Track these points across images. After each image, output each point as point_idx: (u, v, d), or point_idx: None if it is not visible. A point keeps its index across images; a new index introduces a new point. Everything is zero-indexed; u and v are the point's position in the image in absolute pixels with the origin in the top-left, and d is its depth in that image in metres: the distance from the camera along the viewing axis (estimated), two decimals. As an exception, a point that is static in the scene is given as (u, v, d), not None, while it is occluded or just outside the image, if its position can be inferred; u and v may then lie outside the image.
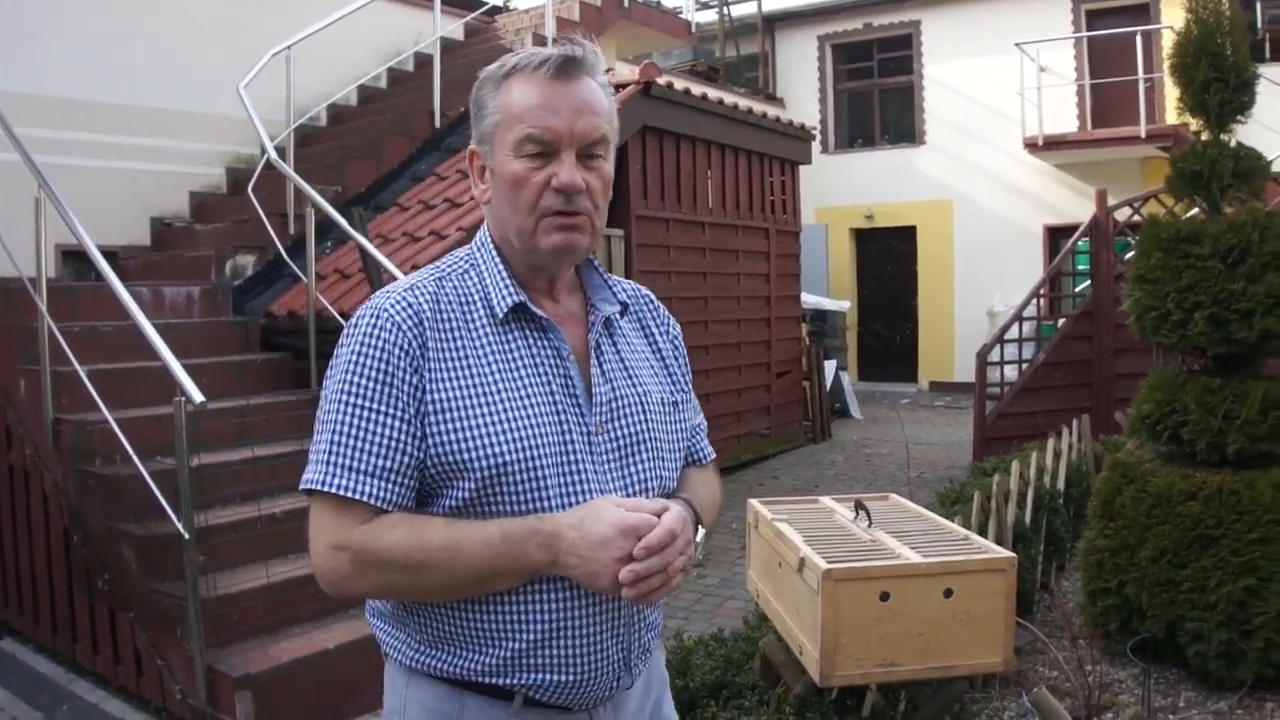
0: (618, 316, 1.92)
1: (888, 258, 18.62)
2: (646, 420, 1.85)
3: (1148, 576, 4.58)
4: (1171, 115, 13.15)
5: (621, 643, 1.80)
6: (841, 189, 18.14)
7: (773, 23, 19.37)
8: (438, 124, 9.59)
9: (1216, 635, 4.34)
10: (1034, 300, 10.75)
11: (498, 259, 1.81)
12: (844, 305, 16.69)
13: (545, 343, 1.78)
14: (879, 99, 19.03)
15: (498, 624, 1.72)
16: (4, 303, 6.02)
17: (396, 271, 6.05)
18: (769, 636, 3.94)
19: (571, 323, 1.85)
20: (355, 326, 1.72)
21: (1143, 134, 14.70)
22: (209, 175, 9.33)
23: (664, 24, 14.30)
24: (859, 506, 3.68)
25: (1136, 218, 9.95)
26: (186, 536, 4.53)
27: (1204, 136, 4.96)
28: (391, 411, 1.67)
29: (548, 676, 1.73)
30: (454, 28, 11.32)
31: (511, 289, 1.78)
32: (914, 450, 10.81)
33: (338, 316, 6.59)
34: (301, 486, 1.70)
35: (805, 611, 3.25)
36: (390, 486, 1.67)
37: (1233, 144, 4.92)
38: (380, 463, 1.66)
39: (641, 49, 15.41)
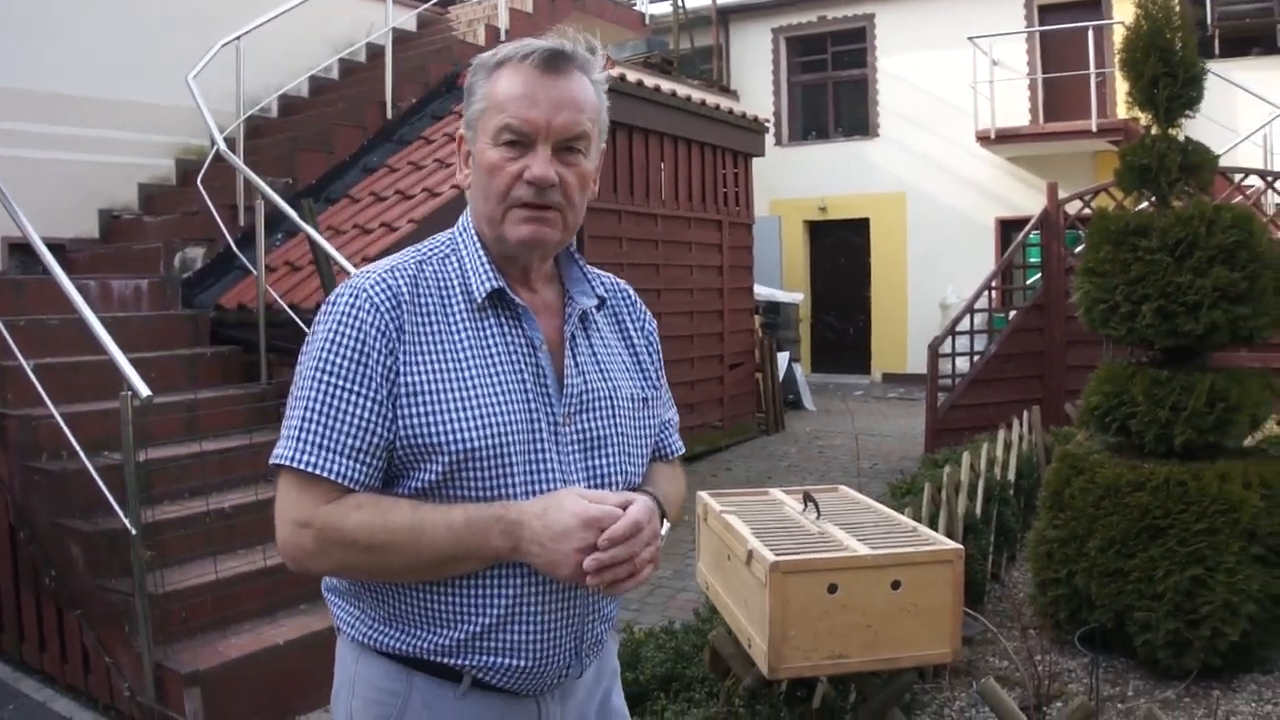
0: (594, 310, 1.92)
1: (841, 250, 18.70)
2: (615, 416, 1.85)
3: (1096, 567, 4.62)
4: (1122, 109, 13.30)
5: (575, 632, 1.81)
6: (795, 181, 18.21)
7: (727, 15, 19.39)
8: (389, 115, 9.53)
9: (1164, 625, 4.39)
10: (985, 292, 10.82)
11: (478, 244, 1.81)
12: (797, 297, 16.77)
13: (519, 332, 1.79)
14: (833, 92, 19.12)
15: (454, 605, 1.72)
16: (-53, 296, 5.92)
17: (347, 264, 6.00)
18: (718, 629, 3.95)
19: (547, 313, 1.86)
20: (333, 304, 1.72)
21: (1094, 128, 14.86)
22: (158, 167, 9.20)
23: (618, 15, 14.25)
24: (807, 499, 3.68)
25: (1087, 211, 10.03)
26: (134, 532, 4.48)
27: (1153, 131, 5.01)
28: (364, 392, 1.67)
29: (499, 660, 1.74)
30: (406, 19, 11.24)
31: (491, 274, 1.78)
32: (867, 442, 10.87)
33: (288, 309, 6.54)
34: (271, 461, 1.71)
35: (753, 604, 3.24)
36: (358, 466, 1.67)
37: (1181, 138, 4.98)
38: (350, 442, 1.66)
39: (595, 41, 15.37)
